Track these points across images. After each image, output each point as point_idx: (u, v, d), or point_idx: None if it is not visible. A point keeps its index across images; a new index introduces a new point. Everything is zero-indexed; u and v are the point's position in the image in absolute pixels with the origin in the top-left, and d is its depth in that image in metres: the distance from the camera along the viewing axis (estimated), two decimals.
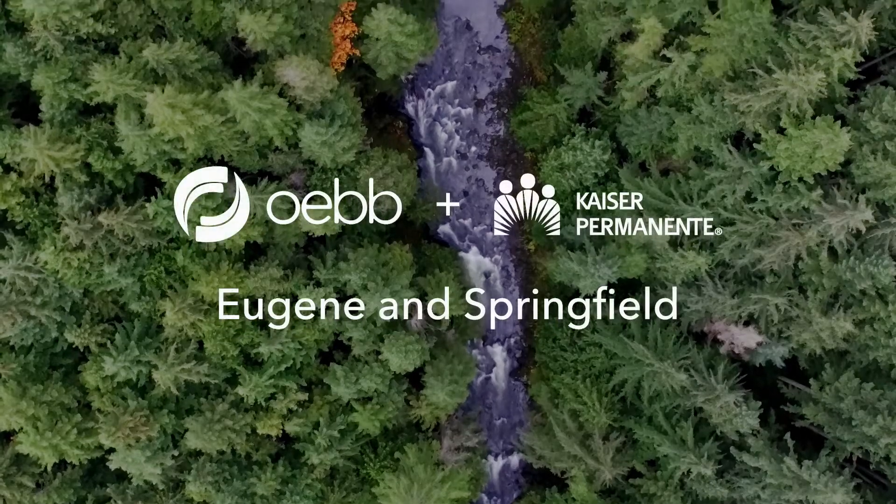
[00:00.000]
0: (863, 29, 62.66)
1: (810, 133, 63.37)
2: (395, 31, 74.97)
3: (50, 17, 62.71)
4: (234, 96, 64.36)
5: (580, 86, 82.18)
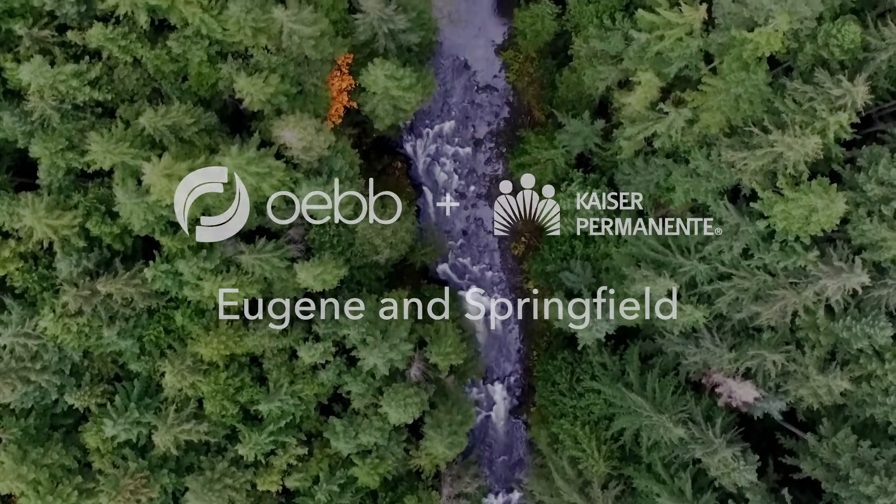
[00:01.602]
0: (859, 93, 62.62)
1: (806, 197, 63.42)
2: (391, 86, 75.01)
3: (47, 88, 62.92)
4: (230, 163, 64.56)
5: (578, 134, 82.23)
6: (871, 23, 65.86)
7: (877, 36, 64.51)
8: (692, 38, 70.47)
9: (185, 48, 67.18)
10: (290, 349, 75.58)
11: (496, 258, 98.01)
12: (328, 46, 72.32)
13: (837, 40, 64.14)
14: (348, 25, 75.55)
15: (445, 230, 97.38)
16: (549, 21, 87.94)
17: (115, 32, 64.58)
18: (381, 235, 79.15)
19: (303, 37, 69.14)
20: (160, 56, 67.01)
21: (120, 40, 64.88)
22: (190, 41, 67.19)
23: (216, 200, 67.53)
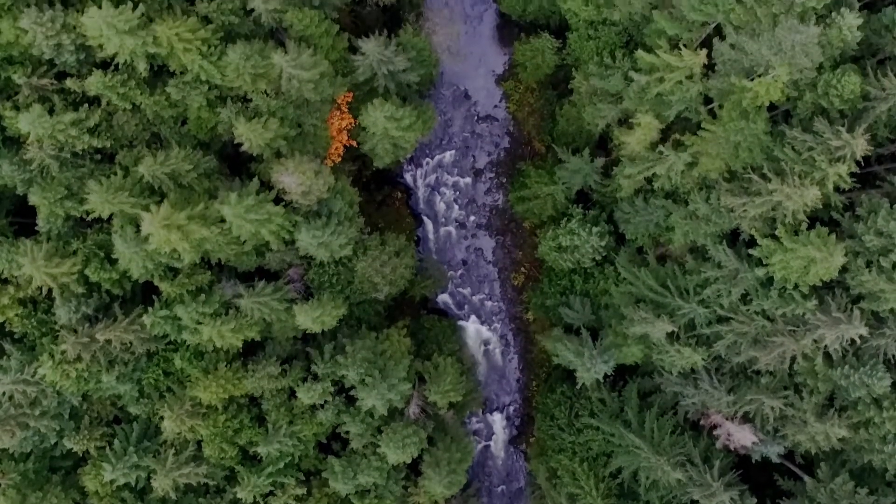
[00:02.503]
0: (858, 145, 62.49)
1: (805, 248, 63.30)
2: (391, 127, 75.00)
3: (45, 137, 62.94)
4: (229, 211, 64.56)
5: (578, 171, 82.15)
6: (870, 71, 65.68)
7: (877, 86, 64.34)
8: (692, 83, 70.37)
9: (184, 94, 67.21)
10: (289, 389, 75.68)
11: (496, 288, 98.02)
12: (328, 88, 72.34)
13: (837, 90, 63.98)
14: (348, 64, 75.51)
15: (445, 260, 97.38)
16: (549, 55, 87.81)
17: (115, 80, 64.59)
18: (380, 273, 79.21)
19: (302, 80, 69.14)
20: (159, 102, 67.05)
21: (119, 87, 64.89)
22: (189, 87, 67.21)
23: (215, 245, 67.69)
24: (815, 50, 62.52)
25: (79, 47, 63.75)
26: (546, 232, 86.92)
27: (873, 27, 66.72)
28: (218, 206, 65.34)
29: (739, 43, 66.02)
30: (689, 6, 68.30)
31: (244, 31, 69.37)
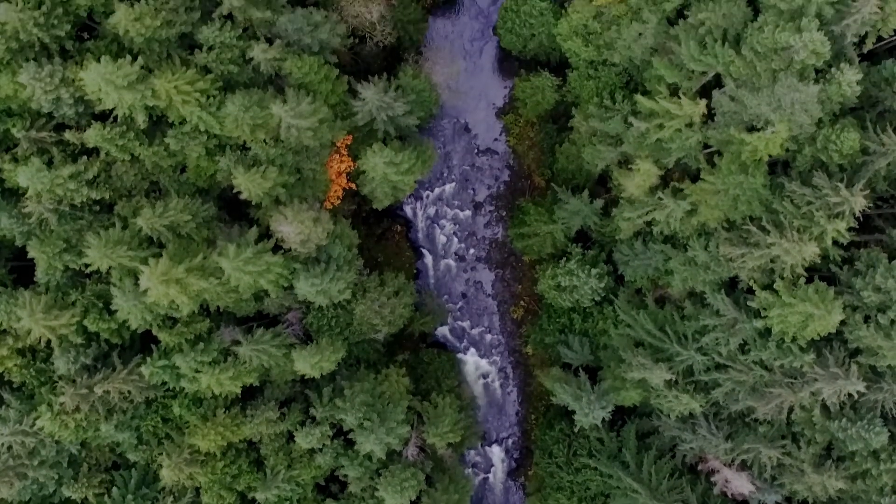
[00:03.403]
0: (857, 202, 62.42)
1: (803, 304, 63.28)
2: (390, 172, 74.95)
3: (44, 192, 62.96)
4: (228, 265, 64.60)
5: (577, 212, 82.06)
6: (870, 125, 65.61)
7: (876, 140, 64.25)
8: (692, 132, 70.38)
9: (183, 144, 67.27)
10: (287, 432, 75.79)
11: (495, 321, 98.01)
12: (327, 133, 72.29)
13: (836, 145, 63.94)
14: (347, 107, 75.38)
15: (445, 293, 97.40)
16: (549, 93, 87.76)
17: (113, 132, 64.63)
18: (379, 315, 79.30)
19: (301, 129, 69.08)
20: (158, 152, 67.08)
21: (117, 140, 64.93)
22: (188, 137, 67.25)
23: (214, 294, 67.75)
24: (815, 107, 62.46)
25: (77, 100, 63.75)
26: (545, 270, 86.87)
27: (873, 79, 66.66)
28: (216, 259, 65.31)
29: (739, 96, 65.98)
30: (688, 56, 68.23)
31: (243, 80, 69.33)
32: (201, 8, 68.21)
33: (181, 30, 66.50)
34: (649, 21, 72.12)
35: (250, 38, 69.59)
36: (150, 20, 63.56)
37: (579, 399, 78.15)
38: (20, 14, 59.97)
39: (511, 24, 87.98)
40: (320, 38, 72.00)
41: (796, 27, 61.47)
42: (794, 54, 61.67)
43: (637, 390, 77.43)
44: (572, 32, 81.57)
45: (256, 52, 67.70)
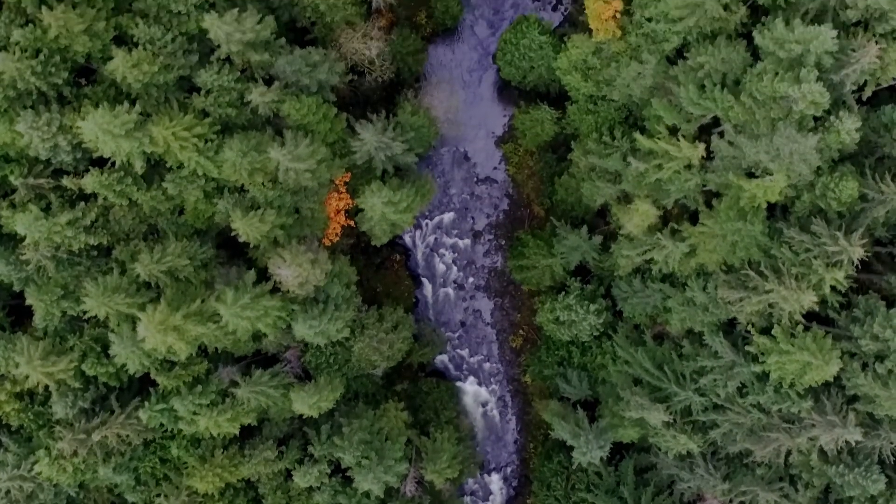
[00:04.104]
0: (855, 252, 62.33)
1: (800, 353, 63.24)
2: (388, 212, 74.93)
3: (42, 240, 62.94)
4: (226, 311, 64.62)
5: (576, 248, 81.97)
6: (868, 171, 65.50)
7: (875, 188, 64.17)
8: (690, 174, 70.28)
9: (180, 188, 67.20)
10: (286, 471, 75.90)
11: (494, 350, 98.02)
12: (325, 173, 72.24)
13: (835, 193, 63.86)
14: (346, 145, 75.28)
15: (444, 321, 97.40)
16: (548, 125, 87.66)
17: (111, 178, 64.61)
18: (378, 351, 79.43)
19: (299, 171, 68.99)
20: (156, 197, 67.07)
21: (115, 185, 64.91)
22: (186, 181, 67.22)
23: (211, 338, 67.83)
24: (813, 156, 62.37)
25: (75, 146, 63.72)
26: (544, 303, 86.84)
27: (872, 125, 66.54)
28: (214, 305, 65.33)
29: (738, 142, 65.82)
30: (687, 99, 68.10)
31: (241, 122, 69.28)
32: (199, 50, 68.14)
33: (179, 73, 66.45)
34: (648, 62, 71.93)
35: (248, 80, 69.50)
36: (147, 66, 63.51)
37: (578, 437, 78.23)
38: (17, 64, 59.89)
39: (510, 57, 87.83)
40: (319, 78, 71.89)
41: (795, 76, 61.29)
42: (792, 104, 61.50)
43: (635, 428, 77.52)
44: (572, 67, 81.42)
45: (254, 95, 67.62)
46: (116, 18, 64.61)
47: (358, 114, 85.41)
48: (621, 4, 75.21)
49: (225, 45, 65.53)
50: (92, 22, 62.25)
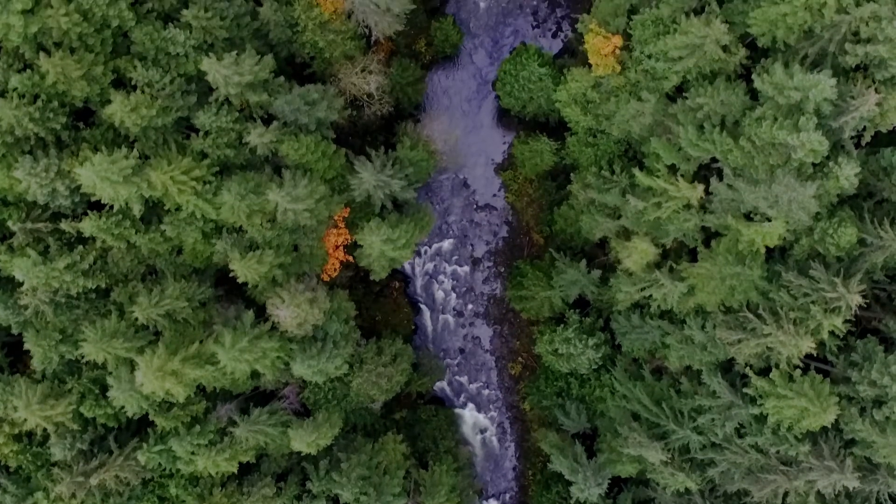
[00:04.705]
0: (853, 300, 62.28)
1: (798, 399, 63.23)
2: (387, 249, 74.89)
3: (40, 285, 62.96)
4: (224, 355, 64.66)
5: (575, 282, 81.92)
6: (867, 215, 65.38)
7: (873, 233, 64.07)
8: (689, 214, 70.20)
9: (179, 230, 67.13)
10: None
11: (493, 377, 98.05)
12: (324, 210, 72.18)
13: (834, 239, 63.78)
14: (345, 180, 75.18)
15: (442, 348, 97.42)
16: (548, 155, 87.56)
17: (109, 222, 64.56)
18: (376, 385, 79.43)
19: (298, 211, 68.95)
20: (154, 239, 67.05)
21: (114, 229, 64.88)
22: (184, 223, 67.14)
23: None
24: (812, 204, 62.24)
25: (73, 191, 63.68)
26: (543, 334, 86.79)
27: (871, 168, 66.45)
28: (212, 348, 65.37)
29: (736, 186, 65.71)
30: (686, 140, 68.02)
31: (240, 162, 69.22)
32: (198, 90, 68.10)
33: (177, 115, 66.41)
34: (648, 100, 71.80)
35: (247, 120, 69.43)
36: (145, 110, 63.50)
37: (576, 472, 78.35)
38: (15, 111, 59.85)
39: (510, 88, 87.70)
40: (317, 116, 71.78)
41: (794, 124, 61.15)
42: (791, 151, 61.40)
43: (633, 464, 77.59)
44: (571, 100, 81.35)
45: (253, 136, 67.58)
46: (115, 62, 64.55)
47: (357, 144, 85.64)
48: (621, 41, 75.11)
49: (223, 87, 65.46)
50: (90, 67, 62.18)
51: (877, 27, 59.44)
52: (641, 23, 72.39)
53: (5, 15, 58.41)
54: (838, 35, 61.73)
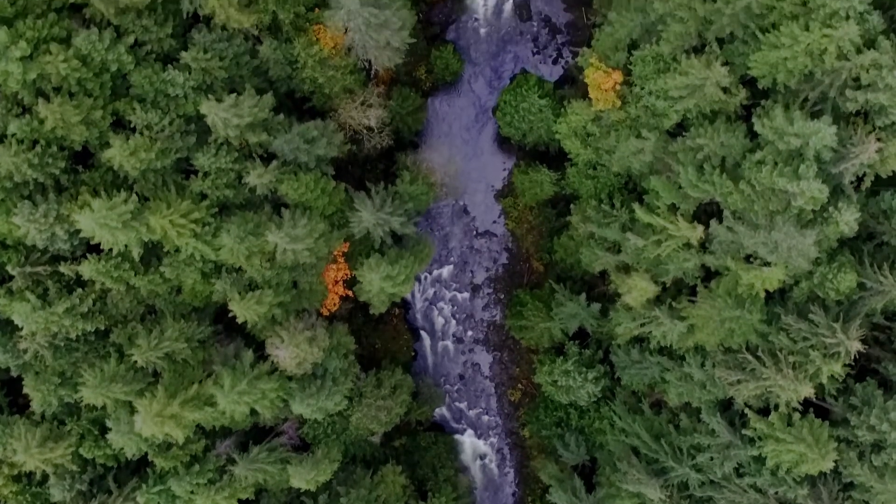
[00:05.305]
0: (852, 346, 62.23)
1: (797, 444, 63.25)
2: (387, 286, 74.86)
3: (40, 330, 62.99)
4: (223, 399, 64.75)
5: (574, 316, 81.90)
6: (867, 258, 65.28)
7: (873, 278, 63.95)
8: (689, 254, 70.08)
9: (178, 272, 67.09)
10: None
11: (493, 403, 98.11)
12: (323, 247, 72.12)
13: (833, 284, 63.69)
14: (344, 215, 75.10)
15: (442, 374, 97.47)
16: (548, 186, 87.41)
17: (108, 265, 64.50)
18: (376, 419, 79.53)
19: (297, 251, 68.90)
20: (154, 280, 66.99)
21: (113, 272, 64.80)
22: (183, 264, 67.08)
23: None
24: (812, 251, 62.12)
25: (72, 234, 63.58)
26: (543, 364, 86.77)
27: (871, 211, 66.22)
28: (211, 390, 65.42)
29: (736, 229, 65.59)
30: (686, 181, 67.88)
31: (239, 201, 69.14)
32: (197, 130, 67.96)
33: (177, 157, 66.32)
34: (648, 138, 71.62)
35: (246, 159, 69.30)
36: (144, 153, 63.41)
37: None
38: (14, 158, 59.76)
39: (510, 118, 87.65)
40: (317, 154, 71.67)
41: (794, 170, 60.99)
42: (791, 198, 61.29)
43: (632, 500, 77.51)
44: (571, 132, 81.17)
45: (252, 177, 67.48)
46: (114, 104, 64.38)
47: (356, 173, 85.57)
48: (621, 76, 74.90)
49: (222, 130, 65.32)
50: (89, 111, 62.04)
51: (877, 75, 59.18)
52: (642, 59, 72.13)
53: (4, 62, 58.21)
54: (839, 81, 61.46)
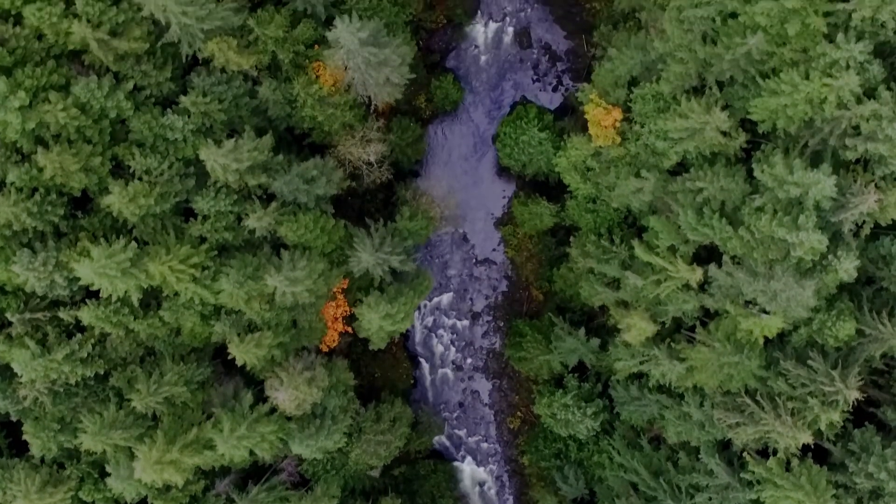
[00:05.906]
0: (850, 395, 62.30)
1: (795, 492, 63.37)
2: (386, 325, 74.96)
3: (39, 378, 63.08)
4: (223, 444, 64.88)
5: (574, 350, 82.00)
6: (866, 304, 65.29)
7: (872, 325, 63.96)
8: (688, 296, 70.13)
9: (177, 315, 67.14)
10: None
11: (492, 430, 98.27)
12: (322, 286, 72.15)
13: (832, 331, 63.73)
14: (344, 252, 75.11)
15: (441, 401, 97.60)
16: (547, 217, 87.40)
17: (107, 311, 64.55)
18: (375, 454, 79.72)
19: (297, 293, 68.94)
20: (153, 324, 67.03)
21: (112, 317, 64.85)
22: (182, 308, 67.13)
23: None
24: (811, 300, 62.15)
25: (71, 281, 63.59)
26: (542, 395, 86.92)
27: (870, 256, 66.16)
28: (210, 433, 65.54)
29: (735, 276, 65.58)
30: (686, 224, 67.86)
31: (238, 243, 69.15)
32: (196, 173, 67.95)
33: (176, 200, 66.32)
34: (647, 179, 71.60)
35: (245, 200, 69.32)
36: (143, 199, 63.42)
37: None
38: (13, 207, 59.76)
39: (510, 150, 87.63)
40: (316, 194, 71.67)
41: (793, 220, 60.98)
42: (790, 248, 61.31)
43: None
44: (571, 167, 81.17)
45: (251, 220, 67.48)
46: (113, 150, 64.36)
47: (356, 205, 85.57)
48: (621, 114, 74.86)
49: (222, 175, 65.31)
50: (88, 158, 62.01)
51: (877, 125, 59.10)
52: (642, 97, 72.11)
53: (3, 112, 58.20)
54: (839, 129, 61.42)
